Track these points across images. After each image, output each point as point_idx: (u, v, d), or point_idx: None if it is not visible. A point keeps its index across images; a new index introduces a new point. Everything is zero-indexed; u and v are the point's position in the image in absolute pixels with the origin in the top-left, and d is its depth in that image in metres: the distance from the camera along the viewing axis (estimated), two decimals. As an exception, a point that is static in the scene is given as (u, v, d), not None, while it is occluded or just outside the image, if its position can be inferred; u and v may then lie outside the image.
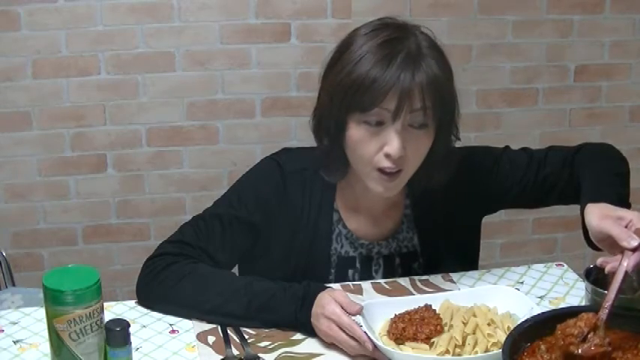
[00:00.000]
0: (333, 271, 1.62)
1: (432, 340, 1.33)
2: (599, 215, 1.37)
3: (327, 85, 1.48)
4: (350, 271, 1.63)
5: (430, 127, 1.45)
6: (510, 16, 2.91)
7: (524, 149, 1.71)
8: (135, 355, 1.32)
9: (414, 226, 1.64)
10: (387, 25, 1.46)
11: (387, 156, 1.43)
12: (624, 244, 1.28)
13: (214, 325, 1.46)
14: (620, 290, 1.23)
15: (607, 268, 1.30)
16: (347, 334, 1.35)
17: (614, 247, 1.32)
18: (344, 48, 1.46)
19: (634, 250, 1.27)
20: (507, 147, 1.72)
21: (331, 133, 1.48)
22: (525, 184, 1.66)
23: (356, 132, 1.44)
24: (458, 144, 1.66)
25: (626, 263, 1.25)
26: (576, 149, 1.68)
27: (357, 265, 1.63)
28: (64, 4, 2.61)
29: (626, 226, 1.32)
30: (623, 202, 1.52)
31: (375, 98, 1.39)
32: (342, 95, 1.43)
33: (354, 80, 1.41)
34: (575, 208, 1.51)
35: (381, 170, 1.45)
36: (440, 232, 1.64)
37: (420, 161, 1.48)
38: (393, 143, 1.41)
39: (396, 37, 1.43)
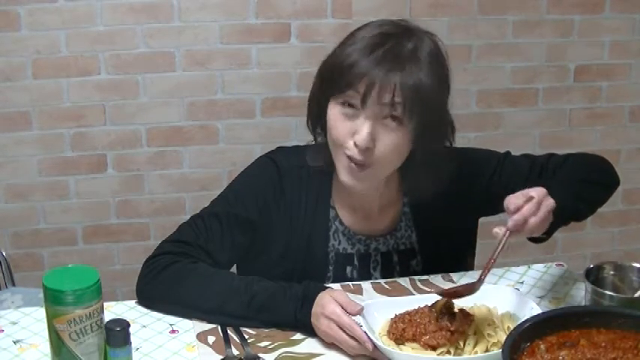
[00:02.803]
0: (331, 268, 1.62)
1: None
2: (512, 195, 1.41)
3: (319, 69, 1.53)
4: (348, 268, 1.63)
5: (405, 125, 1.44)
6: (510, 16, 2.91)
7: (525, 155, 1.72)
8: (135, 355, 1.32)
9: (412, 224, 1.65)
10: (394, 23, 1.48)
11: (355, 145, 1.44)
12: (509, 206, 1.36)
13: (214, 325, 1.46)
14: (501, 249, 1.36)
15: (497, 232, 1.36)
16: (347, 334, 1.35)
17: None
18: (345, 39, 1.50)
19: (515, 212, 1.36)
20: (509, 152, 1.72)
21: (318, 114, 1.53)
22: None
23: (332, 112, 1.47)
24: (459, 144, 1.66)
25: (510, 224, 1.36)
26: (568, 156, 1.69)
27: (355, 262, 1.63)
28: (64, 4, 2.61)
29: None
30: (568, 203, 1.49)
31: (349, 82, 1.42)
32: (324, 76, 1.49)
33: (334, 61, 1.46)
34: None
35: (350, 158, 1.46)
36: (438, 230, 1.64)
37: (390, 160, 1.47)
38: (361, 132, 1.43)
39: (393, 34, 1.44)
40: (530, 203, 1.37)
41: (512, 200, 1.38)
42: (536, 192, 1.40)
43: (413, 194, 1.63)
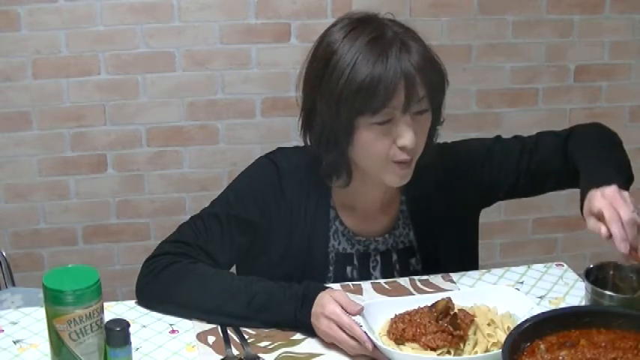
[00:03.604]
0: (331, 268, 1.62)
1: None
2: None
3: (327, 96, 1.45)
4: (348, 268, 1.63)
5: (429, 110, 1.48)
6: (510, 16, 2.91)
7: (515, 137, 1.72)
8: (135, 355, 1.32)
9: (409, 222, 1.65)
10: (360, 22, 1.47)
11: (402, 148, 1.44)
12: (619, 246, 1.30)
13: (214, 325, 1.46)
14: None
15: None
16: (347, 334, 1.35)
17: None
18: (328, 56, 1.45)
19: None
20: (499, 137, 1.73)
21: (339, 142, 1.48)
22: (518, 174, 1.66)
23: (367, 134, 1.45)
24: (456, 139, 1.67)
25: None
26: (567, 134, 1.68)
27: (355, 261, 1.63)
28: (64, 4, 2.61)
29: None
30: (628, 175, 1.51)
31: (385, 98, 1.40)
32: (349, 102, 1.42)
33: (360, 84, 1.40)
34: (574, 208, 1.51)
35: (397, 162, 1.47)
36: (436, 227, 1.64)
37: (423, 145, 1.51)
38: (406, 135, 1.43)
39: (377, 33, 1.44)
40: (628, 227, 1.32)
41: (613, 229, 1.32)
42: (617, 206, 1.34)
43: (410, 192, 1.63)
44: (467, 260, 1.71)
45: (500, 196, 1.73)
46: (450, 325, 1.31)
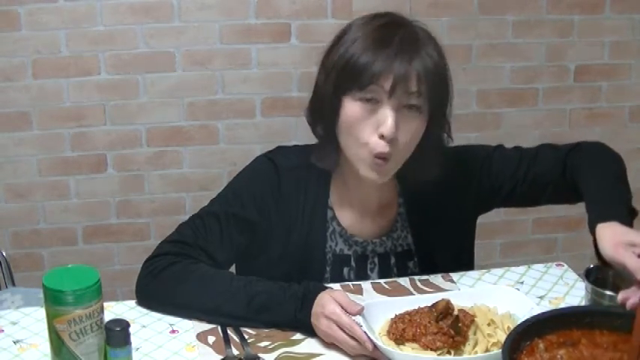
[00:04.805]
0: (328, 269, 1.62)
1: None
2: (612, 243, 1.35)
3: (324, 67, 1.51)
4: (345, 270, 1.63)
5: (423, 113, 1.47)
6: (510, 16, 2.91)
7: (516, 147, 1.72)
8: (135, 355, 1.32)
9: (408, 225, 1.65)
10: (385, 14, 1.51)
11: (381, 137, 1.44)
12: None
13: (214, 325, 1.46)
14: None
15: (628, 305, 1.27)
16: (347, 334, 1.35)
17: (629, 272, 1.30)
18: (341, 34, 1.51)
19: None
20: (500, 145, 1.72)
21: (326, 114, 1.50)
22: (516, 181, 1.66)
23: (351, 109, 1.45)
24: (455, 142, 1.67)
25: None
26: (568, 149, 1.67)
27: (353, 263, 1.63)
28: (64, 4, 2.61)
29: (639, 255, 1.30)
30: (631, 209, 1.49)
31: (372, 77, 1.42)
32: (337, 73, 1.46)
33: (348, 59, 1.44)
34: (574, 208, 1.51)
35: (376, 156, 1.46)
36: (434, 230, 1.64)
37: (409, 148, 1.49)
38: (387, 122, 1.43)
39: (391, 23, 1.47)
40: None
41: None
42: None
43: (408, 194, 1.63)
44: (463, 264, 1.70)
45: (498, 202, 1.72)
46: (451, 328, 1.31)
